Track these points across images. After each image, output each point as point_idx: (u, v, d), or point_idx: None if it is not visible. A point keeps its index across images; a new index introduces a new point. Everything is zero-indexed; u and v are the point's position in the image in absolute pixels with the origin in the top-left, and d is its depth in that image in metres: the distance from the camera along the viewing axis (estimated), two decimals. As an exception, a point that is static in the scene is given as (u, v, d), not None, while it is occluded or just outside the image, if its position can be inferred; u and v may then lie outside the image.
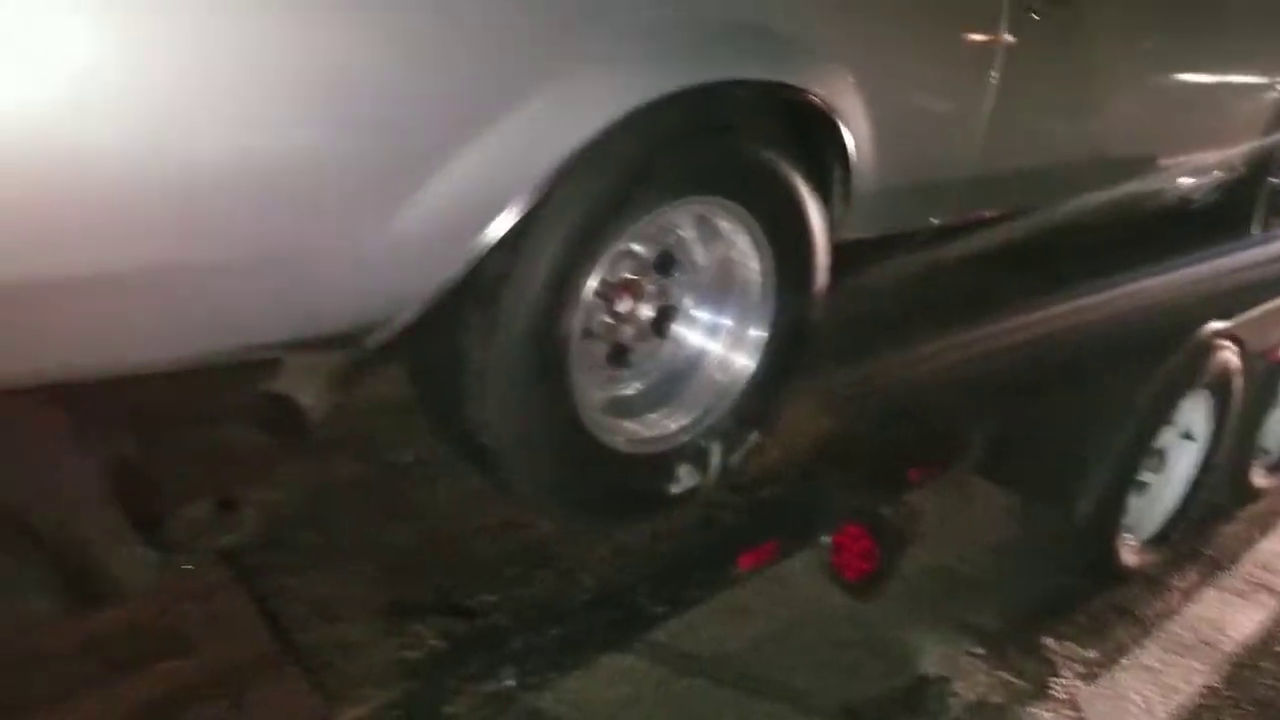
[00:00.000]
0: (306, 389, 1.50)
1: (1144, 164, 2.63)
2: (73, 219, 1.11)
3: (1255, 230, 3.37)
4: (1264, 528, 2.92)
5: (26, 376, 1.27)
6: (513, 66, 1.35)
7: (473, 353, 1.53)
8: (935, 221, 2.14)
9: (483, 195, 1.37)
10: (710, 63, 1.52)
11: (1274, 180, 3.41)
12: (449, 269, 1.40)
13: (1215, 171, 3.06)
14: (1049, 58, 2.10)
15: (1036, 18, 2.01)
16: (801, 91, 1.67)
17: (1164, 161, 2.71)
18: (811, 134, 1.76)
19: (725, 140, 1.66)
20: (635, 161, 1.52)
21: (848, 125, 1.75)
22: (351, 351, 1.49)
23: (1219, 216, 3.18)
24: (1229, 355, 2.41)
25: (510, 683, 1.57)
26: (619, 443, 1.74)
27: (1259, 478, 2.97)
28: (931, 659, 2.15)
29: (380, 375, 1.70)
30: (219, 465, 1.78)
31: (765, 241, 1.76)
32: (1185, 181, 2.93)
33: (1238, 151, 3.08)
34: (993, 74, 1.97)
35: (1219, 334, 2.34)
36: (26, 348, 1.20)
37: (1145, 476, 2.45)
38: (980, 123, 2.01)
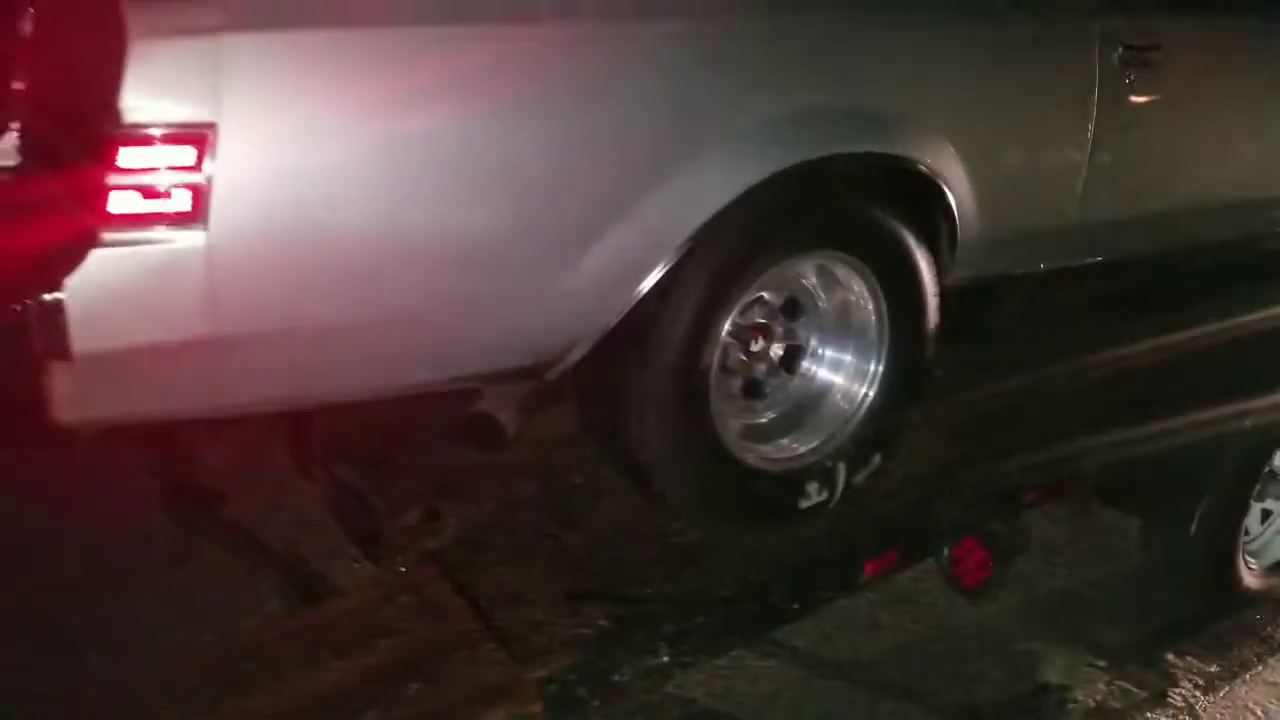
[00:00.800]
0: (503, 411, 1.88)
1: (1245, 210, 2.75)
2: (341, 282, 1.54)
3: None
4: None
5: (292, 402, 1.70)
6: (656, 157, 1.71)
7: (629, 385, 1.88)
8: (1043, 266, 2.36)
9: (635, 257, 1.73)
10: (822, 142, 1.84)
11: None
12: (611, 315, 1.76)
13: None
14: (1140, 118, 2.30)
15: (1129, 81, 2.23)
16: (908, 161, 1.96)
17: (1264, 211, 2.83)
18: (920, 192, 2.04)
19: (839, 202, 1.97)
20: (760, 225, 1.84)
21: (950, 187, 2.02)
22: (535, 382, 1.86)
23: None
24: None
25: (665, 659, 1.89)
26: (755, 462, 2.04)
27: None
28: (1053, 669, 2.31)
29: (554, 412, 2.08)
30: (426, 481, 2.17)
31: (878, 288, 2.04)
32: None
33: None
34: (1088, 134, 2.20)
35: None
36: (303, 378, 1.63)
37: (1269, 504, 2.55)
38: (1077, 179, 2.23)
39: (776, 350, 2.07)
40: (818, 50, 1.86)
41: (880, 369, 2.10)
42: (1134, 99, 2.26)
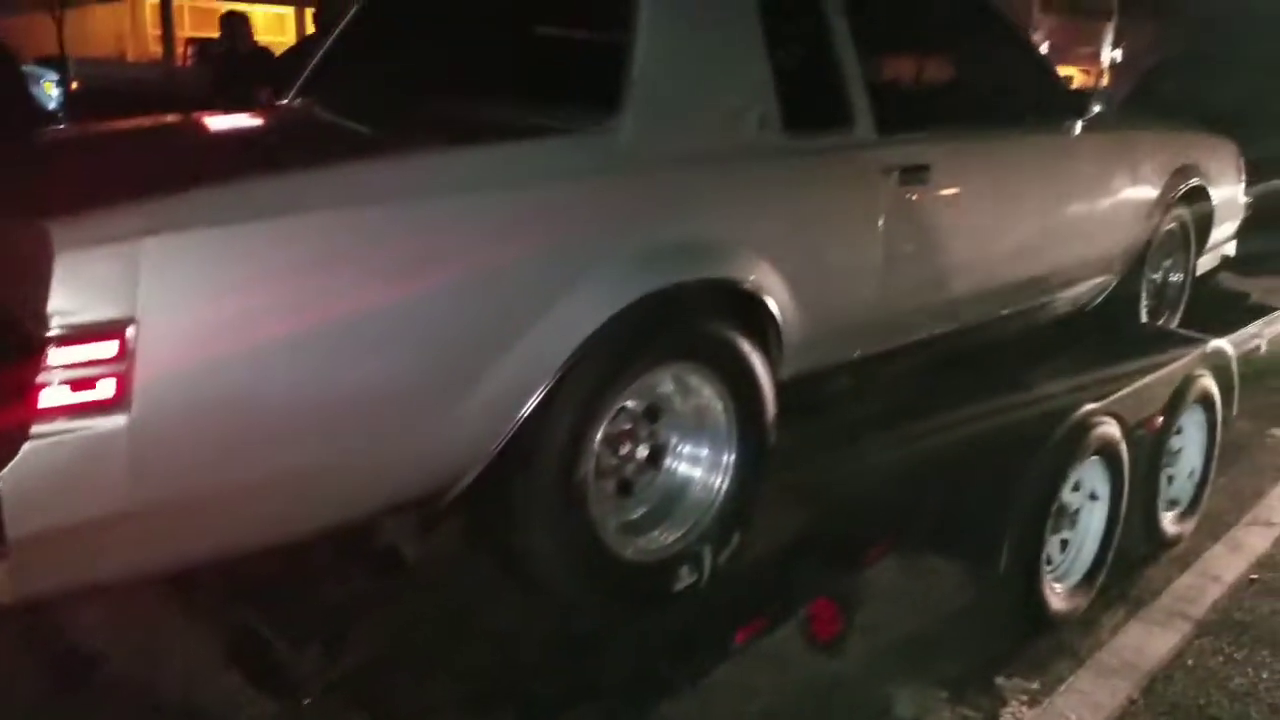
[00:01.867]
0: (402, 536, 2.06)
1: (1026, 289, 3.27)
2: (255, 445, 1.72)
3: (1144, 320, 4.00)
4: (1182, 566, 3.43)
5: (214, 557, 1.84)
6: (529, 301, 1.97)
7: (515, 500, 2.10)
8: (858, 354, 2.74)
9: (516, 388, 1.98)
10: (666, 274, 2.16)
11: (1152, 276, 4.07)
12: (497, 441, 1.99)
13: (1098, 278, 3.69)
14: (922, 224, 2.74)
15: (908, 197, 2.67)
16: (736, 282, 2.30)
17: (1044, 284, 3.35)
18: (750, 306, 2.37)
19: (685, 322, 2.28)
20: (621, 347, 2.12)
21: (773, 299, 2.37)
22: (432, 507, 2.05)
23: (1112, 312, 3.81)
24: (1109, 429, 2.98)
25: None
26: (633, 554, 2.29)
27: (1170, 525, 3.50)
28: (905, 704, 2.63)
29: (446, 529, 2.26)
30: (323, 610, 2.28)
31: (725, 391, 2.36)
32: (1070, 293, 3.55)
33: (1117, 259, 3.73)
34: (880, 244, 2.61)
35: (1094, 412, 2.92)
36: (223, 534, 1.78)
37: (1065, 534, 3.00)
38: (875, 281, 2.63)
39: (643, 451, 2.34)
40: (658, 197, 2.19)
41: (733, 459, 2.41)
42: (914, 211, 2.70)
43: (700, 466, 2.41)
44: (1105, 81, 33.52)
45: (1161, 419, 3.27)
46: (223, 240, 1.64)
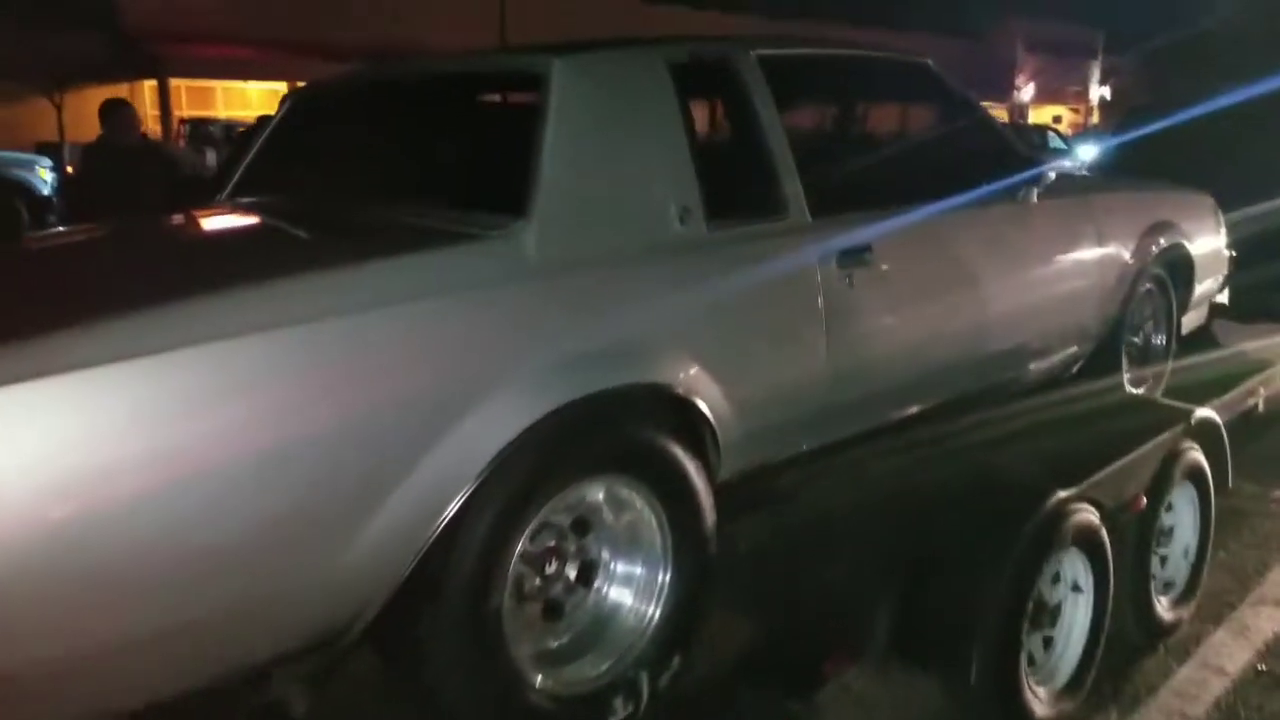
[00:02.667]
0: (292, 693, 1.88)
1: (989, 366, 3.10)
2: (129, 601, 1.56)
3: (1126, 388, 3.82)
4: (1181, 656, 3.19)
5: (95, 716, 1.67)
6: (425, 421, 1.82)
7: (423, 634, 1.92)
8: (805, 447, 2.57)
9: (417, 515, 1.82)
10: (586, 381, 2.01)
11: (1132, 340, 3.90)
12: (399, 573, 1.82)
13: (1070, 348, 3.52)
14: (865, 308, 2.59)
15: (848, 281, 2.52)
16: (665, 386, 2.14)
17: (1008, 359, 3.18)
18: (682, 410, 2.21)
19: (610, 431, 2.12)
20: (538, 462, 1.96)
21: (705, 400, 2.21)
22: (326, 653, 1.88)
23: (1089, 383, 3.63)
24: (1086, 516, 2.78)
25: None
26: (557, 688, 2.10)
27: (1165, 611, 3.27)
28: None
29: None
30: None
31: (658, 503, 2.19)
32: (1040, 366, 3.38)
33: (1090, 326, 3.56)
34: (822, 332, 2.45)
35: (1068, 500, 2.73)
36: (104, 693, 1.61)
37: (1047, 632, 2.79)
38: (820, 371, 2.47)
39: (571, 570, 2.16)
40: (571, 303, 2.05)
41: (669, 576, 2.23)
42: (856, 294, 2.55)
43: (633, 585, 2.24)
44: (1095, 119, 33.80)
45: (1146, 499, 3.07)
46: (69, 388, 1.49)
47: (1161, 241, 3.77)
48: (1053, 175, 3.19)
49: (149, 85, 23.80)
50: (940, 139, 3.12)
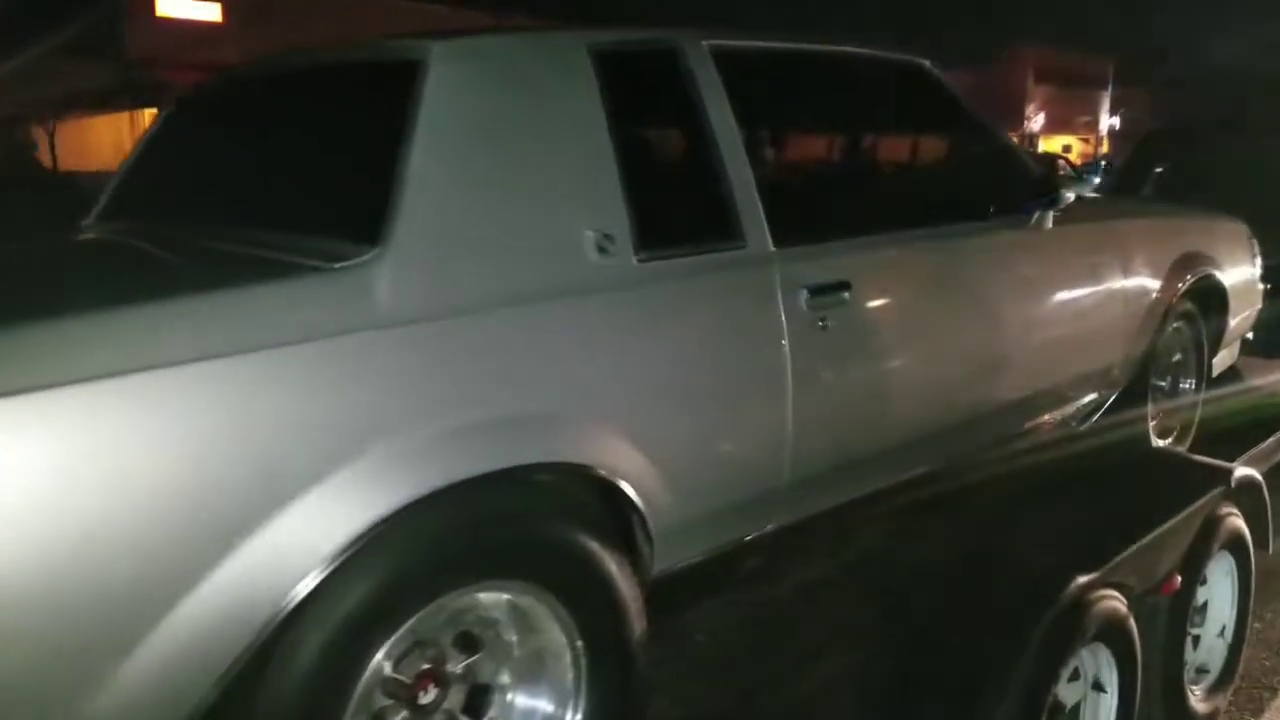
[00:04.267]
0: None
1: (992, 421, 2.63)
2: None
3: (1152, 442, 3.35)
4: (1222, 755, 2.73)
5: None
6: (210, 532, 1.36)
7: None
8: (771, 526, 2.11)
9: (204, 641, 1.36)
10: (442, 464, 1.54)
11: (1159, 384, 3.43)
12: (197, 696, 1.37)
13: (1088, 396, 3.06)
14: (844, 358, 2.14)
15: (823, 322, 2.07)
16: (568, 464, 1.70)
17: (1015, 412, 2.71)
18: (603, 492, 1.76)
19: (500, 524, 1.65)
20: (389, 567, 1.50)
21: (632, 483, 1.76)
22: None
23: (1111, 438, 3.16)
24: (1110, 604, 2.32)
25: None
26: None
27: (1199, 702, 2.80)
28: None
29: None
30: None
31: (569, 617, 1.72)
32: (1059, 415, 2.92)
33: (1111, 371, 3.11)
34: (786, 391, 1.99)
35: (1089, 586, 2.27)
36: None
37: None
38: (783, 437, 2.02)
39: (456, 697, 1.69)
40: (437, 357, 1.58)
41: (582, 713, 1.76)
42: (831, 338, 2.09)
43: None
44: (1105, 149, 33.40)
45: (1181, 578, 2.59)
46: None
47: (1194, 273, 3.33)
48: (1070, 197, 2.73)
49: (149, 114, 23.71)
50: (937, 154, 2.69)
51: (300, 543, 1.42)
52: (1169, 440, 3.45)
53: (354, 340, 1.49)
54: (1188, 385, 3.56)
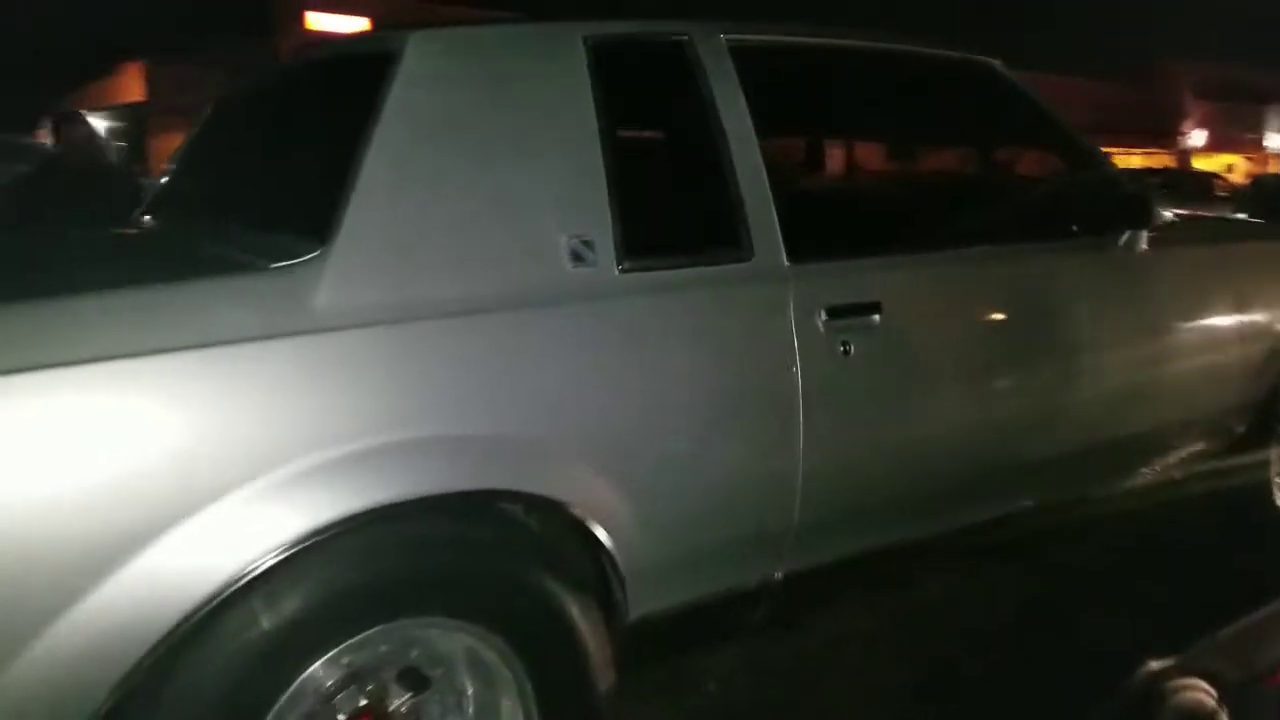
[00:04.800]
0: None
1: (1063, 471, 2.28)
2: None
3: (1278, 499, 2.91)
4: None
5: None
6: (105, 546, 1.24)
7: None
8: (779, 574, 1.86)
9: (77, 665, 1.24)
10: (381, 484, 1.40)
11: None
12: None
13: (1189, 447, 2.66)
14: (873, 387, 1.88)
15: (844, 351, 1.81)
16: (532, 496, 1.53)
17: (1094, 460, 2.35)
18: (560, 525, 1.58)
19: (452, 555, 1.49)
20: (304, 595, 1.36)
21: (600, 519, 1.57)
22: None
23: (1225, 495, 2.74)
24: (1196, 696, 1.96)
25: None
26: None
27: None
28: None
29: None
30: None
31: (519, 662, 1.54)
32: (1151, 467, 2.53)
33: (1222, 418, 2.70)
34: (797, 424, 1.76)
35: (1163, 675, 1.92)
36: None
37: None
38: (792, 475, 1.77)
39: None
40: (378, 367, 1.43)
41: None
42: (853, 369, 1.83)
43: None
44: (1272, 167, 30.95)
45: (1290, 664, 2.19)
46: None
47: None
48: (1167, 216, 2.36)
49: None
50: (1003, 166, 2.36)
51: (194, 561, 1.29)
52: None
53: (283, 344, 1.36)
54: (1321, 434, 3.08)
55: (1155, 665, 1.93)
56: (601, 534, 1.57)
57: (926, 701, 2.08)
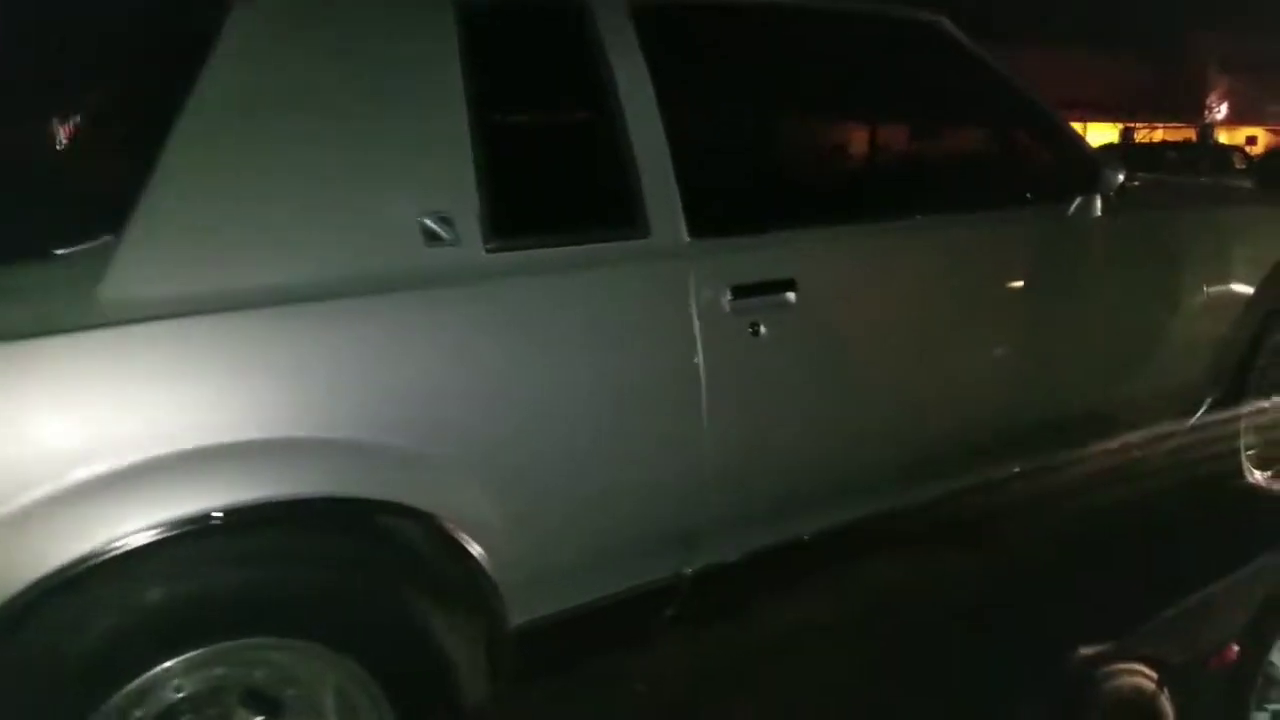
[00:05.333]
0: None
1: (1003, 449, 2.18)
2: None
3: (1251, 474, 2.81)
4: None
5: None
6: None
7: None
8: (689, 572, 1.78)
9: None
10: (190, 492, 1.29)
11: (1260, 404, 2.87)
12: None
13: (1160, 419, 2.55)
14: (786, 373, 1.79)
15: (755, 329, 1.73)
16: (382, 503, 1.43)
17: (1036, 438, 2.24)
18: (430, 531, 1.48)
19: (301, 570, 1.39)
20: (127, 603, 1.28)
21: (465, 523, 1.48)
22: None
23: (1194, 461, 2.64)
24: (1133, 681, 1.87)
25: None
26: None
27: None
28: None
29: None
30: None
31: (379, 690, 1.44)
32: (1095, 449, 2.40)
33: (1186, 390, 2.61)
34: (698, 411, 1.67)
35: (1101, 658, 1.84)
36: None
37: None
38: (697, 464, 1.69)
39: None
40: (216, 364, 1.33)
41: None
42: (763, 353, 1.74)
43: None
44: (1295, 140, 30.34)
45: (1239, 647, 2.10)
46: None
47: None
48: (1118, 179, 2.26)
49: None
50: (946, 133, 2.27)
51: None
52: (1272, 473, 2.88)
53: (61, 341, 1.24)
54: (1300, 409, 2.97)
55: (1088, 651, 1.86)
56: (467, 540, 1.47)
57: (872, 694, 2.01)
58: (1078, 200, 2.26)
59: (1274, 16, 28.95)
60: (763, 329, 1.74)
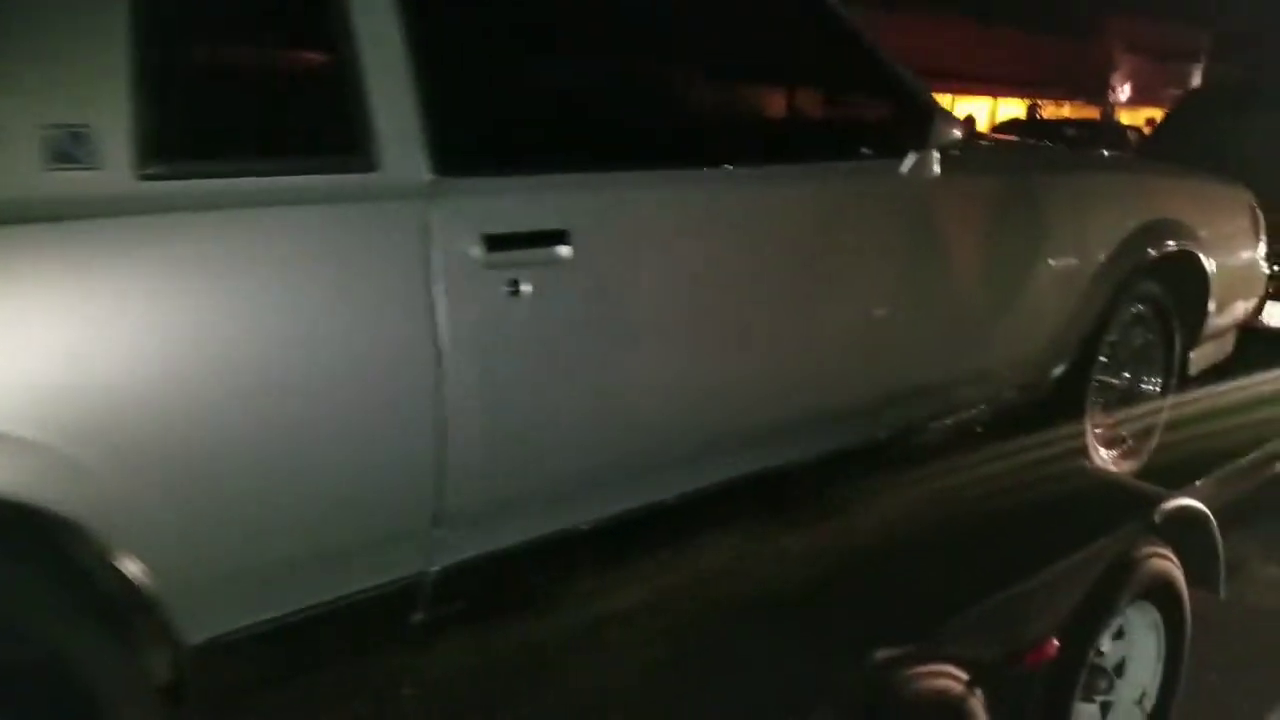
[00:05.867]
0: None
1: (799, 427, 1.98)
2: None
3: (1095, 451, 2.70)
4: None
5: None
6: None
7: None
8: (434, 570, 1.54)
9: None
10: None
11: (1109, 382, 2.77)
12: None
13: (992, 392, 2.42)
14: (554, 341, 1.56)
15: (514, 288, 1.49)
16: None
17: (853, 411, 2.07)
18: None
19: None
20: None
21: (121, 538, 1.21)
22: None
23: (1030, 442, 2.50)
24: (940, 683, 1.71)
25: None
26: None
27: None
28: None
29: None
30: None
31: None
32: (904, 416, 2.23)
33: (1022, 364, 2.47)
34: (429, 388, 1.41)
35: (900, 661, 1.66)
36: None
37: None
38: (434, 446, 1.44)
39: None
40: None
41: None
42: (524, 317, 1.50)
43: None
44: (1194, 124, 31.37)
45: (1058, 641, 1.96)
46: None
47: (1160, 246, 2.65)
48: (954, 135, 2.08)
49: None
50: (757, 74, 2.05)
51: None
52: (1118, 452, 2.78)
53: None
54: (1150, 386, 2.88)
55: (882, 655, 1.69)
56: (115, 546, 1.20)
57: (679, 684, 1.81)
58: (912, 158, 2.07)
59: (1180, 2, 29.77)
60: (524, 288, 1.50)
